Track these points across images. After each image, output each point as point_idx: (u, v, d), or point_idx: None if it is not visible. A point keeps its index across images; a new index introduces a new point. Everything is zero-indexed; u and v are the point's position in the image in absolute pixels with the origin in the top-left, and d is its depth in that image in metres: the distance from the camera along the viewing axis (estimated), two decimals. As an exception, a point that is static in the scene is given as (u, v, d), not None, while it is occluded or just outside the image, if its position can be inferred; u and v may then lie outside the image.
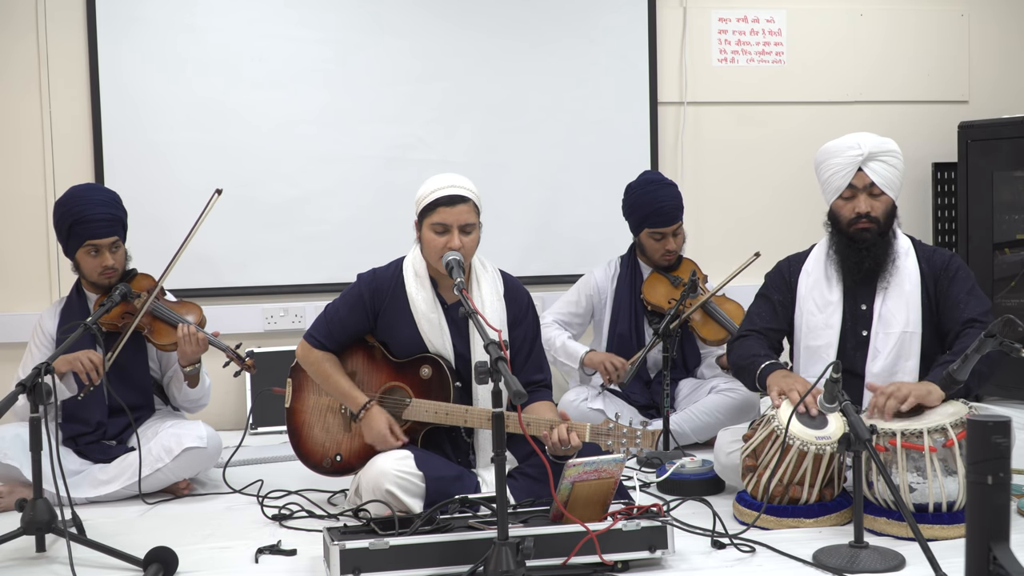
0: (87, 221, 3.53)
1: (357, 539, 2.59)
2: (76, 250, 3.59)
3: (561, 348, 4.27)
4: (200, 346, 3.57)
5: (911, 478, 2.90)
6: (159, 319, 3.65)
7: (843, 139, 3.35)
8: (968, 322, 3.23)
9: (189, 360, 3.62)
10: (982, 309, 3.25)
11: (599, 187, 5.00)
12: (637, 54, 5.08)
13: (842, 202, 3.34)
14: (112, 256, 3.59)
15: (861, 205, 3.30)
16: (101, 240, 3.56)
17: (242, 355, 3.61)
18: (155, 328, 3.65)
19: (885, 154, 3.29)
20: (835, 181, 3.32)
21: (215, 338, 3.62)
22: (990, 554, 1.96)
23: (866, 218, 3.30)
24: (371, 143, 4.86)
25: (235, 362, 3.61)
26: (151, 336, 3.64)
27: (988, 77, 5.43)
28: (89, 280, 3.66)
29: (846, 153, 3.30)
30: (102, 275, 3.60)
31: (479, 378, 2.47)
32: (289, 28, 4.77)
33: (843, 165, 3.30)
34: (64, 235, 3.59)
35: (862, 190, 3.30)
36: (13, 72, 4.60)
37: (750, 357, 3.33)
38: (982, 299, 3.30)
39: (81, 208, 3.55)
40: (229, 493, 3.60)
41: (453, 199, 3.16)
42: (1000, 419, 2.01)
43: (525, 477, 3.13)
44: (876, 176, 3.28)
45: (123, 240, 3.66)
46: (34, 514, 2.82)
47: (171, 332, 3.62)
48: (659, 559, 2.72)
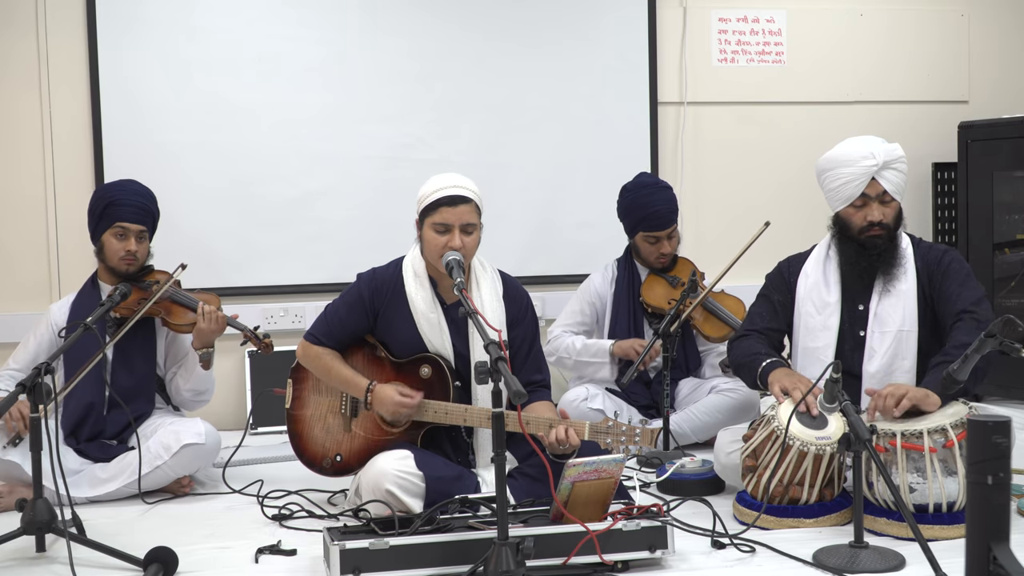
0: (122, 204, 3.68)
1: (357, 539, 2.59)
2: (105, 231, 3.68)
3: (584, 348, 4.25)
4: (219, 324, 3.64)
5: (911, 478, 2.90)
6: (176, 303, 3.72)
7: (851, 147, 3.29)
8: (959, 313, 3.20)
9: (204, 341, 3.66)
10: (974, 298, 3.22)
11: (599, 187, 5.00)
12: (637, 54, 5.08)
13: (853, 210, 3.31)
14: (137, 244, 3.69)
15: (875, 214, 3.27)
16: (130, 224, 3.68)
17: (259, 336, 3.70)
18: (172, 311, 3.72)
19: (896, 161, 3.27)
20: (846, 191, 3.28)
21: (234, 320, 3.71)
22: (990, 554, 1.96)
23: (878, 225, 3.29)
24: (371, 143, 4.86)
25: (252, 342, 3.70)
26: (167, 318, 3.70)
27: (988, 77, 5.43)
28: (109, 265, 3.71)
29: (860, 163, 3.24)
30: (123, 260, 3.68)
31: (479, 378, 2.47)
32: (289, 28, 4.77)
33: (856, 175, 3.25)
34: (96, 217, 3.71)
35: (874, 198, 3.27)
36: (13, 72, 4.60)
37: (751, 355, 3.33)
38: (975, 289, 3.26)
39: (119, 193, 3.72)
40: (229, 493, 3.60)
41: (455, 199, 3.16)
42: (1000, 419, 2.01)
43: (525, 477, 3.13)
44: (888, 184, 3.26)
45: (150, 236, 3.77)
46: (34, 514, 2.82)
47: (187, 313, 3.70)
48: (659, 559, 2.72)
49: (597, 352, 4.21)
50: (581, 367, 4.26)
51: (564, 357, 4.29)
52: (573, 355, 4.25)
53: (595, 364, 4.23)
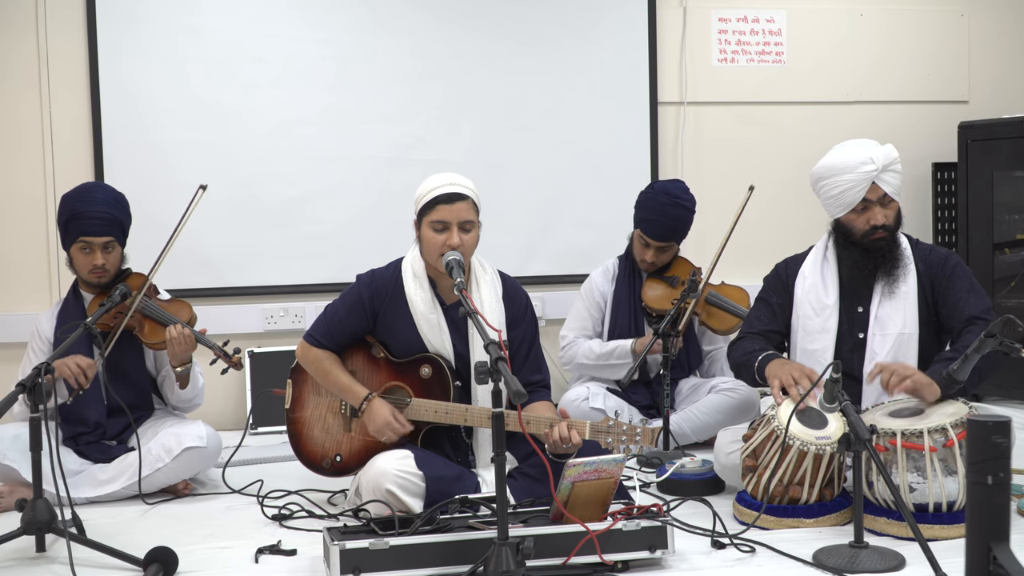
0: (84, 217, 3.54)
1: (357, 539, 2.59)
2: (71, 245, 3.60)
3: (606, 353, 4.20)
4: (188, 344, 3.57)
5: (911, 478, 2.90)
6: (149, 318, 3.64)
7: (848, 154, 3.28)
8: (970, 319, 3.22)
9: (179, 360, 3.61)
10: (984, 306, 3.24)
11: (599, 187, 5.00)
12: (637, 54, 5.08)
13: (855, 215, 3.30)
14: (104, 256, 3.59)
15: (878, 217, 3.27)
16: (94, 238, 3.56)
17: (228, 352, 3.61)
18: (145, 327, 3.64)
19: (894, 163, 3.27)
20: (847, 197, 3.27)
21: (202, 335, 3.61)
22: (990, 554, 1.96)
23: (882, 228, 3.28)
24: (371, 143, 4.86)
25: (221, 359, 3.61)
26: (141, 335, 3.64)
27: (988, 77, 5.43)
28: (80, 277, 3.66)
29: (859, 169, 3.23)
30: (91, 273, 3.60)
31: (479, 378, 2.47)
32: (289, 28, 4.77)
33: (856, 181, 3.24)
34: (62, 229, 3.62)
35: (876, 202, 3.27)
36: (13, 72, 4.60)
37: (747, 354, 3.34)
38: (982, 296, 3.29)
39: (81, 204, 3.56)
40: (229, 493, 3.60)
41: (452, 196, 3.16)
42: (1000, 419, 2.01)
43: (525, 477, 3.13)
44: (888, 187, 3.26)
45: (121, 243, 3.66)
46: (34, 514, 2.82)
47: (160, 331, 3.62)
48: (659, 559, 2.72)
49: (621, 354, 4.17)
50: (602, 369, 4.24)
51: (584, 363, 4.26)
52: (592, 359, 4.22)
53: (619, 365, 4.17)
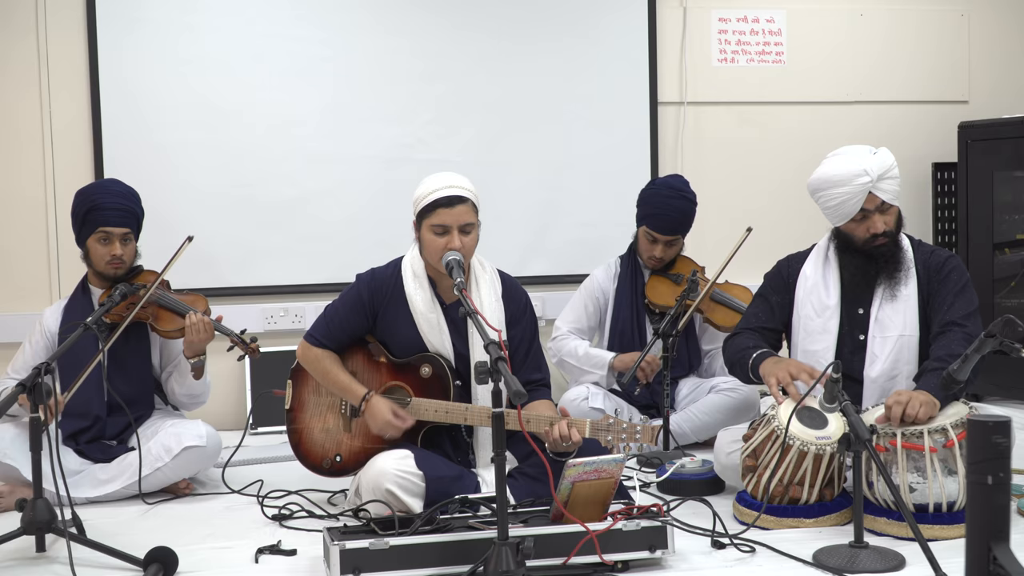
0: (104, 208, 3.61)
1: (357, 539, 2.59)
2: (88, 236, 3.64)
3: (585, 357, 4.24)
4: (207, 332, 3.59)
5: (911, 478, 2.90)
6: (164, 307, 3.68)
7: (842, 166, 3.25)
8: (947, 324, 3.20)
9: (195, 351, 3.64)
10: (965, 311, 3.21)
11: (599, 187, 5.00)
12: (637, 54, 5.08)
13: (854, 224, 3.29)
14: (122, 247, 3.64)
15: (878, 225, 3.26)
16: (113, 228, 3.62)
17: (246, 340, 3.64)
18: (159, 316, 3.67)
19: (890, 171, 3.25)
20: (844, 209, 3.26)
21: (219, 323, 3.64)
22: (990, 554, 1.96)
23: (883, 235, 3.28)
24: (371, 143, 4.86)
25: (239, 347, 3.64)
26: (155, 323, 3.66)
27: (988, 77, 5.43)
28: (96, 270, 3.69)
29: (854, 182, 3.21)
30: (109, 264, 3.64)
31: (479, 378, 2.47)
32: (289, 28, 4.77)
33: (852, 193, 3.22)
34: (79, 221, 3.66)
35: (874, 211, 3.26)
36: (13, 72, 4.60)
37: (742, 351, 3.34)
38: (969, 300, 3.25)
39: (100, 196, 3.65)
40: (229, 493, 3.60)
41: (452, 200, 3.15)
42: (1000, 419, 2.01)
43: (525, 477, 3.13)
44: (885, 194, 3.24)
45: (135, 236, 3.72)
46: (34, 514, 2.82)
47: (176, 319, 3.66)
48: (659, 559, 2.72)
49: (597, 363, 4.20)
50: (580, 372, 4.26)
51: (566, 360, 4.29)
52: (574, 360, 4.25)
53: (594, 373, 4.22)
